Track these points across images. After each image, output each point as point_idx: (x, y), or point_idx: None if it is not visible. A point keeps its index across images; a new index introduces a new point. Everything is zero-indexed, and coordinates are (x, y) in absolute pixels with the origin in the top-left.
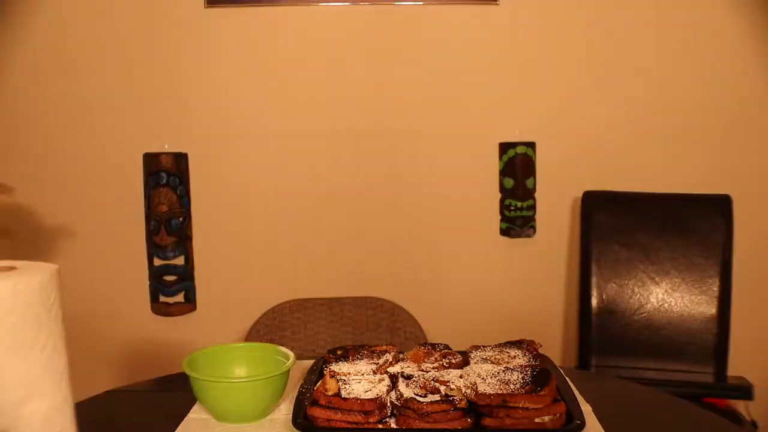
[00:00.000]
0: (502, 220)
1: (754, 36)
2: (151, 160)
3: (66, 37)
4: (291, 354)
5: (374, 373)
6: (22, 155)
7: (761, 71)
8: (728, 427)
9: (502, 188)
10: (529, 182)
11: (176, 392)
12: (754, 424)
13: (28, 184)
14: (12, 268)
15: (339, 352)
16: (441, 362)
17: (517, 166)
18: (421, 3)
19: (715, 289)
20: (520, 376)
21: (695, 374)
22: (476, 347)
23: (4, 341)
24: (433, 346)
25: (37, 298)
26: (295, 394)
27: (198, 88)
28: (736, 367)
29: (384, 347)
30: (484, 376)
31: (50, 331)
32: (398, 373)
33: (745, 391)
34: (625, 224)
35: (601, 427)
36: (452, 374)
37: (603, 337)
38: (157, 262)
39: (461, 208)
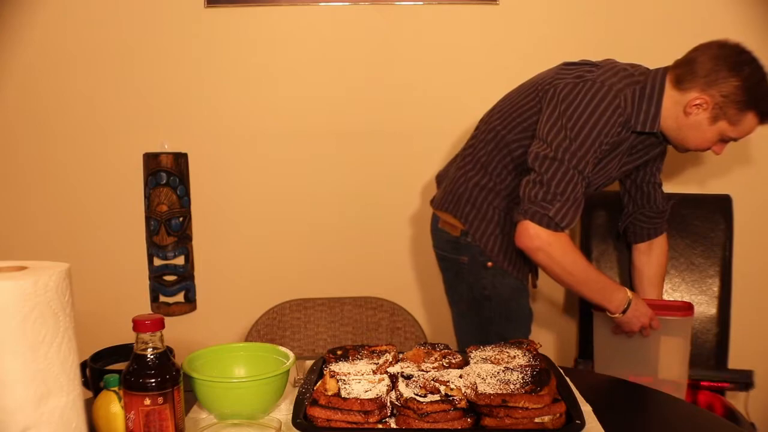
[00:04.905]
0: None
1: (754, 36)
2: (151, 160)
3: (65, 36)
4: (291, 354)
5: (374, 373)
6: (22, 155)
7: None
8: (728, 427)
9: None
10: None
11: None
12: (753, 426)
13: (28, 184)
14: (23, 268)
15: (339, 352)
16: (441, 362)
17: None
18: (421, 3)
19: (715, 289)
20: (520, 376)
21: (695, 371)
22: (476, 347)
23: (27, 338)
24: (433, 346)
25: (55, 296)
26: (295, 394)
27: (198, 88)
28: (736, 367)
29: (384, 347)
30: (484, 376)
31: (66, 328)
32: (398, 373)
33: (745, 376)
34: None
35: (601, 427)
36: (452, 374)
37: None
38: (157, 262)
39: None
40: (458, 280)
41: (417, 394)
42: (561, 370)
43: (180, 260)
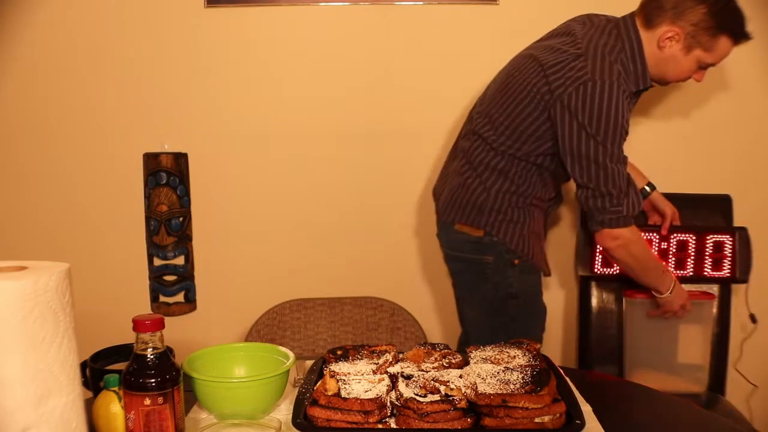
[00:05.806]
0: None
1: (754, 35)
2: (151, 160)
3: (65, 36)
4: (291, 354)
5: (374, 373)
6: (22, 155)
7: (762, 70)
8: (728, 427)
9: None
10: None
11: None
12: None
13: (28, 184)
14: (23, 268)
15: (339, 352)
16: (441, 362)
17: None
18: (421, 3)
19: (716, 288)
20: (520, 376)
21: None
22: (476, 347)
23: (26, 338)
24: (433, 346)
25: (55, 296)
26: (295, 394)
27: (198, 88)
28: (736, 369)
29: (384, 347)
30: (484, 376)
31: (65, 328)
32: (398, 373)
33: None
34: None
35: (601, 427)
36: (452, 374)
37: (603, 337)
38: (157, 262)
39: None
40: (481, 281)
41: (417, 394)
42: (561, 370)
43: (180, 260)
